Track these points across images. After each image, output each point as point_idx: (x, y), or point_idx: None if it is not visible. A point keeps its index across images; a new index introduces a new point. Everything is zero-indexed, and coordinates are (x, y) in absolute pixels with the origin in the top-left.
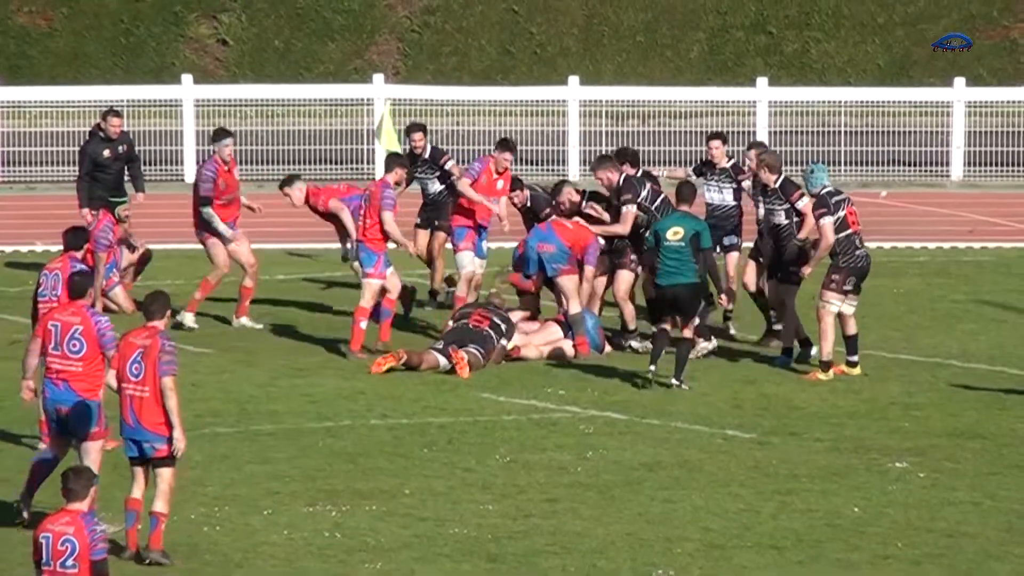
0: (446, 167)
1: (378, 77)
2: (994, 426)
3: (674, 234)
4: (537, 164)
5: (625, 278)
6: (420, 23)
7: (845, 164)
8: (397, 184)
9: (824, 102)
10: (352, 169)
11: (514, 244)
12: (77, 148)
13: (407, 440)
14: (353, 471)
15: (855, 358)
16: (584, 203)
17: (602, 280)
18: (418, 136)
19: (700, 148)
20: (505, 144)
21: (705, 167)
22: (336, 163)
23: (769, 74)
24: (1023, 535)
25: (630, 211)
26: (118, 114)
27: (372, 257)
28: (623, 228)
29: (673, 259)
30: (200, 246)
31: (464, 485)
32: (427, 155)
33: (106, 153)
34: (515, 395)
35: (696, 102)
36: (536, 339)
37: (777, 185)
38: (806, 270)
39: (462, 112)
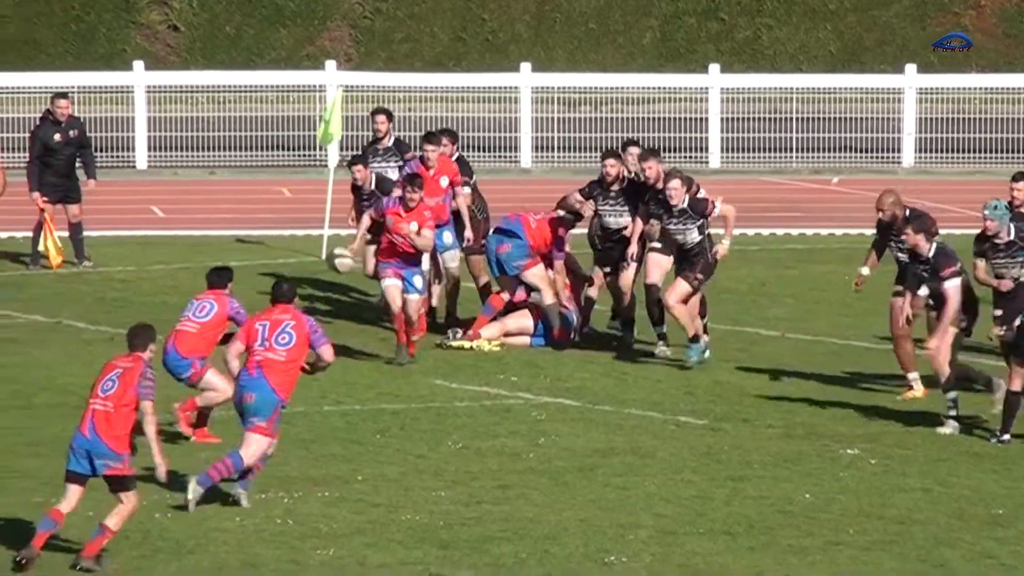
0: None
1: (330, 63)
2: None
3: None
4: (489, 151)
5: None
6: (372, 9)
7: (797, 151)
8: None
9: (776, 88)
10: (304, 156)
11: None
12: (27, 133)
13: (360, 426)
14: (306, 457)
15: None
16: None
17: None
18: (381, 119)
19: (652, 135)
20: (425, 138)
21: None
22: (288, 149)
23: (721, 61)
24: (973, 521)
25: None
26: (65, 96)
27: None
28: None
29: None
30: (148, 232)
31: (416, 472)
32: (390, 142)
33: (57, 137)
34: (468, 382)
35: (648, 88)
36: (509, 322)
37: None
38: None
39: (414, 99)
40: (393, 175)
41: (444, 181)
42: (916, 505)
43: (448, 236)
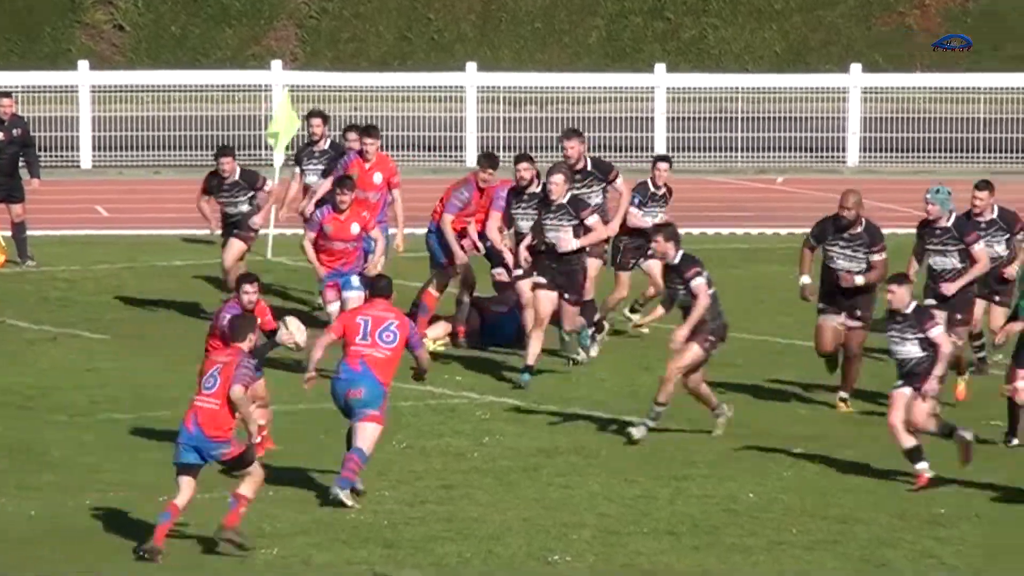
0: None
1: (276, 63)
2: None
3: None
4: (435, 150)
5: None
6: (318, 9)
7: (742, 150)
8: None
9: (721, 88)
10: (250, 156)
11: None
12: None
13: (305, 426)
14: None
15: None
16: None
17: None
18: (317, 121)
19: (597, 134)
20: (365, 131)
21: None
22: (234, 149)
23: (667, 60)
24: (915, 521)
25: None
26: (8, 95)
27: None
28: None
29: None
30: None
31: (361, 471)
32: (327, 145)
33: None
34: (412, 381)
35: (594, 88)
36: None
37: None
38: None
39: (360, 98)
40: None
41: (378, 177)
42: (858, 505)
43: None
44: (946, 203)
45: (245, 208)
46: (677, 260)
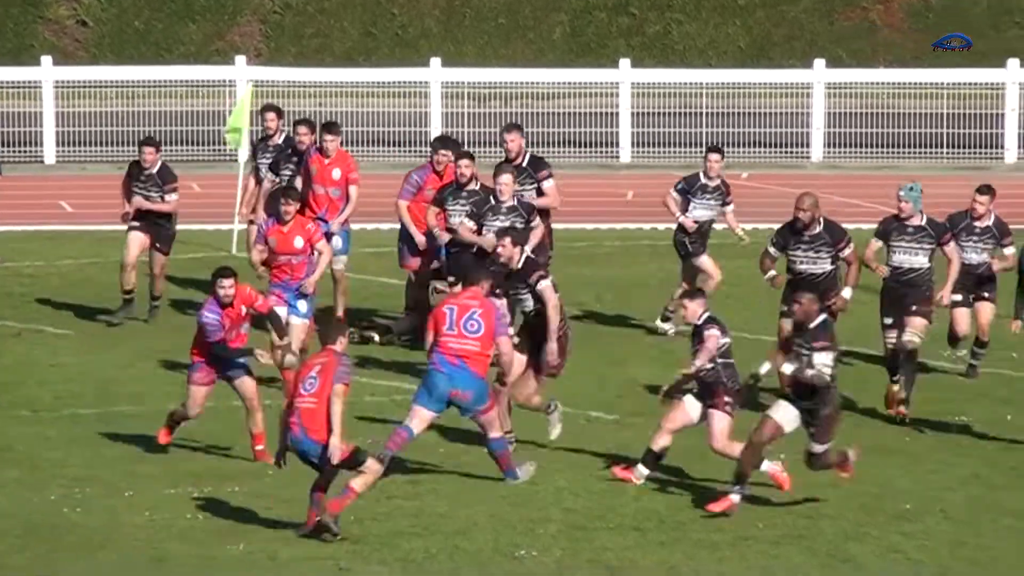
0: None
1: (240, 59)
2: (853, 407)
3: None
4: (399, 145)
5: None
6: (282, 4)
7: (707, 145)
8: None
9: (686, 84)
10: (214, 151)
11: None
12: None
13: (270, 422)
14: (216, 453)
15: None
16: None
17: None
18: (271, 116)
19: (561, 129)
20: (325, 127)
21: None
22: (197, 144)
23: (631, 55)
24: (881, 516)
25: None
26: None
27: None
28: None
29: None
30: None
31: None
32: (280, 140)
33: None
34: (379, 377)
35: (559, 84)
36: None
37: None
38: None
39: (325, 94)
40: (286, 173)
41: (336, 173)
42: (825, 500)
43: (336, 239)
44: (918, 201)
45: (151, 205)
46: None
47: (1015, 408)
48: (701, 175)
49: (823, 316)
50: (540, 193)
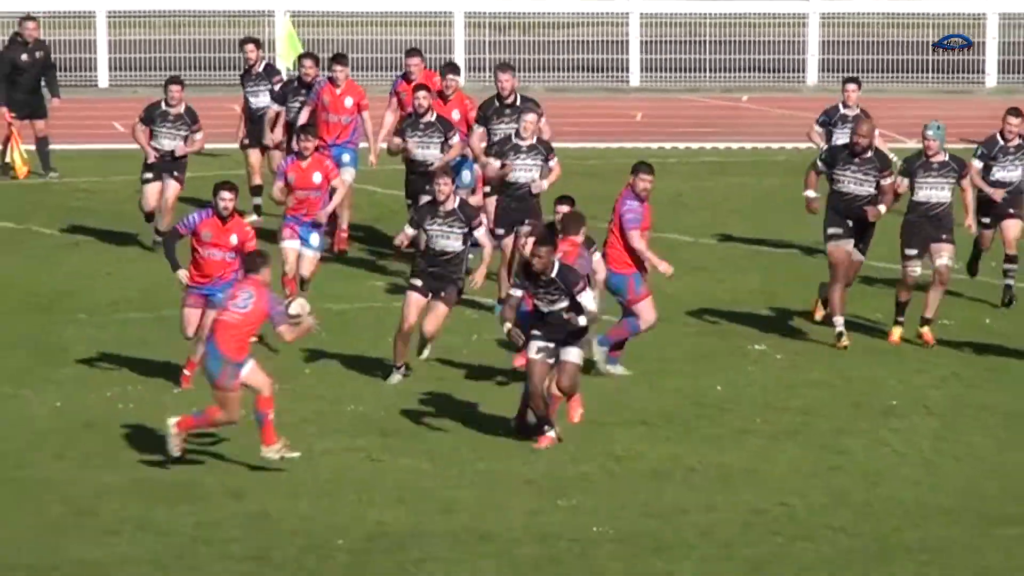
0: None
1: None
2: (846, 312)
3: None
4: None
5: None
6: None
7: (710, 71)
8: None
9: (692, 14)
10: None
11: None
12: None
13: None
14: (256, 352)
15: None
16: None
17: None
18: (251, 47)
19: (575, 56)
20: (334, 58)
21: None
22: (236, 69)
23: None
24: (870, 412)
25: None
26: (33, 18)
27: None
28: None
29: None
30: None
31: (359, 366)
32: (261, 68)
33: (24, 57)
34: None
35: (574, 13)
36: None
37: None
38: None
39: (356, 23)
40: (260, 100)
41: (348, 101)
42: (818, 397)
43: (347, 155)
44: (943, 139)
45: (189, 148)
46: None
47: (991, 313)
48: (840, 106)
49: (558, 263)
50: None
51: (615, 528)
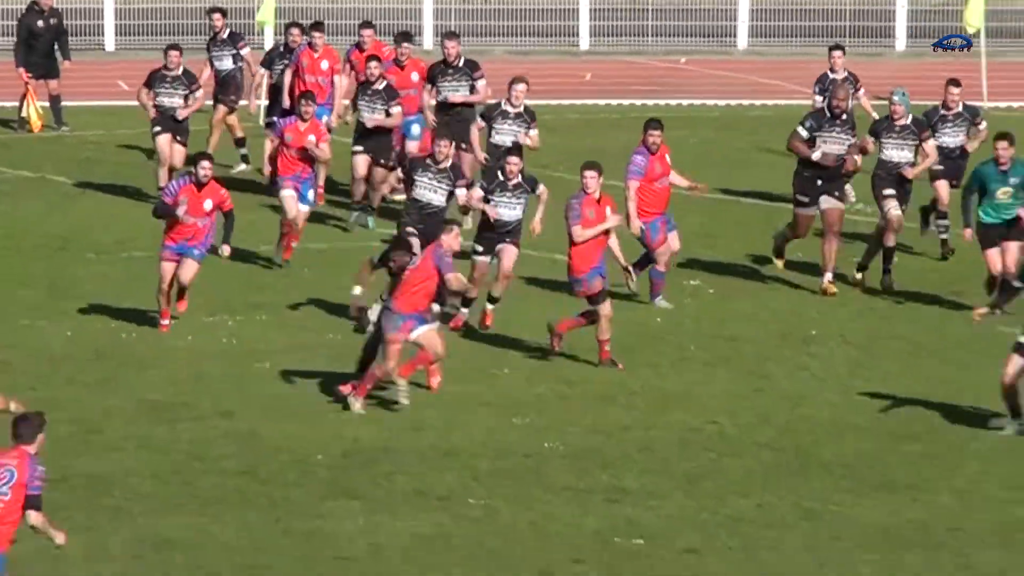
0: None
1: None
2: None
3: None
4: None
5: None
6: None
7: (652, 36)
8: None
9: None
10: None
11: None
12: (15, 22)
13: (293, 262)
14: (246, 286)
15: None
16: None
17: None
18: (217, 16)
19: (530, 23)
20: (313, 26)
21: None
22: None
23: None
24: (793, 341)
25: None
26: None
27: None
28: None
29: None
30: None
31: (342, 300)
32: (226, 36)
33: (39, 24)
34: (388, 227)
35: None
36: None
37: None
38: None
39: None
40: (225, 63)
41: (324, 64)
42: (747, 327)
43: (325, 117)
44: (908, 104)
45: (179, 102)
46: None
47: (902, 255)
48: (829, 72)
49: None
50: (473, 91)
51: (565, 444)
